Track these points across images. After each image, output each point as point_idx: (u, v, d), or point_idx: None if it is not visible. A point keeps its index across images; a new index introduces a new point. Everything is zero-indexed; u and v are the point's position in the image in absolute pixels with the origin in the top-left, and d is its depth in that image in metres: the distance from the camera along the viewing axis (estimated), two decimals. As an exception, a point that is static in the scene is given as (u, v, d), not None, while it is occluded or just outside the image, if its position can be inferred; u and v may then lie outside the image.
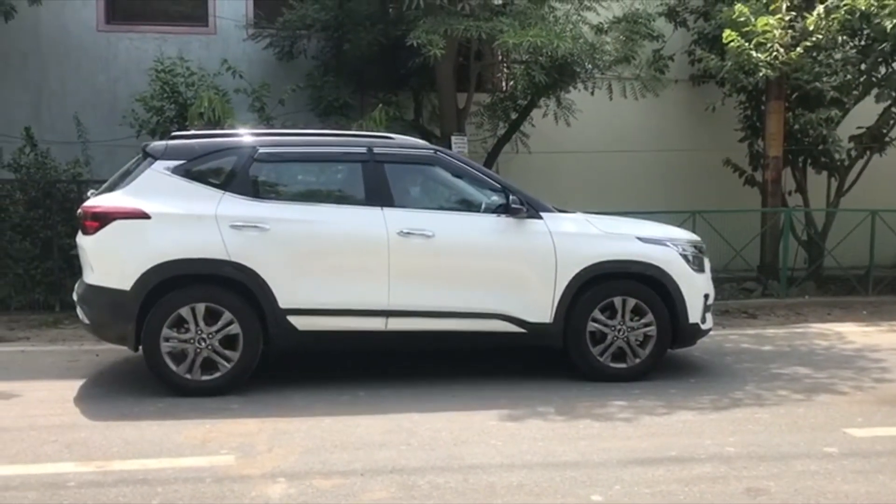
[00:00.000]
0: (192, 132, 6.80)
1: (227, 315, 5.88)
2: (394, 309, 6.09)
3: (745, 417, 5.55)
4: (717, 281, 10.82)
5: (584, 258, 6.32)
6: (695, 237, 7.11)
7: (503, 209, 6.31)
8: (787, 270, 10.93)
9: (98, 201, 6.08)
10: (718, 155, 11.96)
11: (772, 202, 11.37)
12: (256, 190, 6.16)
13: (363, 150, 6.37)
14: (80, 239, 6.14)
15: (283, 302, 5.95)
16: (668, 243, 6.57)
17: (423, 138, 10.53)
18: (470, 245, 6.28)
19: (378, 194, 6.23)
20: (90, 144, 10.50)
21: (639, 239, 6.51)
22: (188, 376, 5.87)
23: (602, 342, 6.40)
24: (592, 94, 11.08)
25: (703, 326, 6.69)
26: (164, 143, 6.36)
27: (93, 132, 10.69)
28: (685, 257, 6.55)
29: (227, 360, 5.91)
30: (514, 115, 11.41)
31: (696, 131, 12.73)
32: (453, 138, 10.19)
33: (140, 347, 5.92)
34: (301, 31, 10.90)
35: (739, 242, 10.89)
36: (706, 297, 6.68)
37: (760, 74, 10.20)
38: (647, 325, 6.43)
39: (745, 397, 6.06)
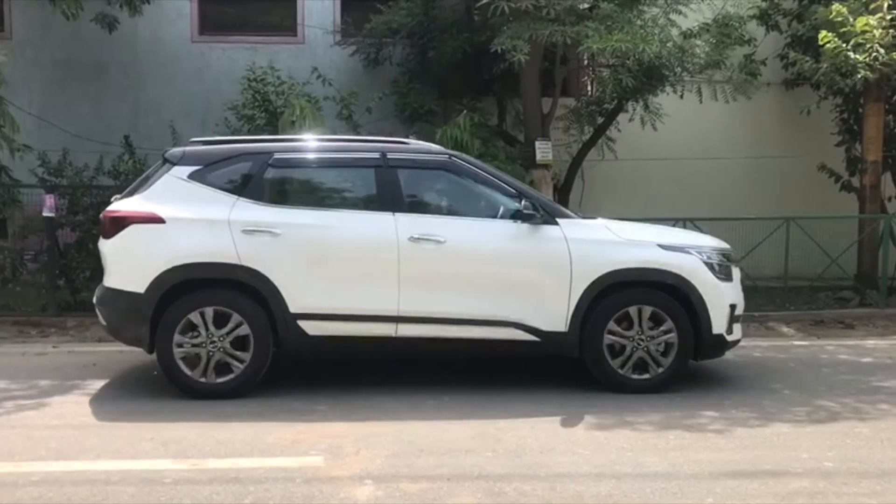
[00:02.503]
0: (212, 138, 6.84)
1: (238, 318, 5.92)
2: (404, 315, 6.03)
3: (843, 431, 5.33)
4: (812, 289, 10.60)
5: (600, 266, 6.13)
6: (723, 245, 6.81)
7: (517, 215, 6.20)
8: (887, 279, 10.48)
9: (117, 206, 6.22)
10: (813, 160, 11.57)
11: (870, 208, 10.91)
12: (270, 195, 6.18)
13: (377, 155, 6.34)
14: (100, 243, 6.28)
15: (294, 306, 5.96)
16: (690, 251, 6.31)
17: (507, 144, 10.58)
18: (482, 251, 6.18)
19: (390, 200, 6.19)
20: (184, 152, 10.83)
21: (659, 246, 6.29)
22: (203, 379, 5.93)
23: (620, 352, 6.20)
24: (682, 97, 10.89)
25: (729, 338, 6.41)
26: (182, 148, 6.44)
27: (186, 140, 11.00)
28: (710, 265, 6.30)
29: (240, 361, 5.94)
30: (600, 120, 11.29)
31: (789, 136, 12.35)
32: (537, 143, 10.13)
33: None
34: (387, 38, 11.05)
35: (836, 250, 10.50)
36: (732, 307, 6.40)
37: (859, 76, 9.81)
38: (667, 334, 6.20)
39: (844, 410, 5.83)
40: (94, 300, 6.38)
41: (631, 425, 5.42)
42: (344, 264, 6.07)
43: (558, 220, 6.25)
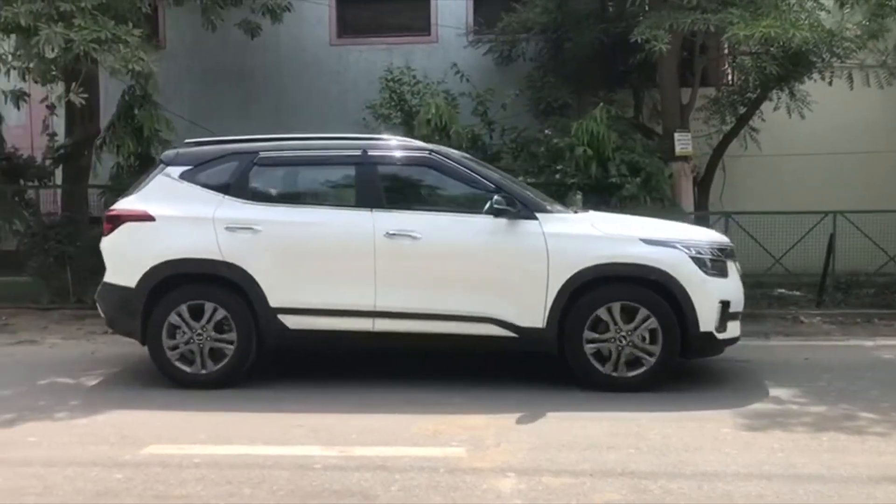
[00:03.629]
0: (205, 139, 7.04)
1: (223, 312, 6.13)
2: (381, 310, 6.06)
3: None
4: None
5: (578, 261, 5.95)
6: (721, 239, 6.47)
7: (490, 209, 6.05)
8: None
9: (116, 205, 6.60)
10: None
11: None
12: (254, 193, 6.35)
13: (358, 152, 6.38)
14: (101, 241, 6.60)
15: (274, 301, 6.09)
16: (676, 245, 6.04)
17: (644, 136, 10.37)
18: (457, 247, 6.12)
19: (369, 196, 6.23)
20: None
21: (642, 241, 6.04)
22: (188, 369, 6.16)
23: (602, 349, 6.00)
24: (830, 84, 10.32)
25: (720, 336, 6.08)
26: (175, 150, 6.72)
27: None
28: (699, 261, 5.99)
29: (225, 353, 6.15)
30: (741, 110, 10.89)
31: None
32: (676, 135, 9.90)
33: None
34: (520, 34, 11.04)
35: None
36: (724, 304, 6.06)
37: None
38: (651, 332, 5.94)
39: None
40: (95, 295, 6.70)
41: (781, 425, 5.22)
42: (321, 260, 6.18)
43: (537, 214, 6.11)
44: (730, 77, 11.56)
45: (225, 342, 6.17)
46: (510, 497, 4.08)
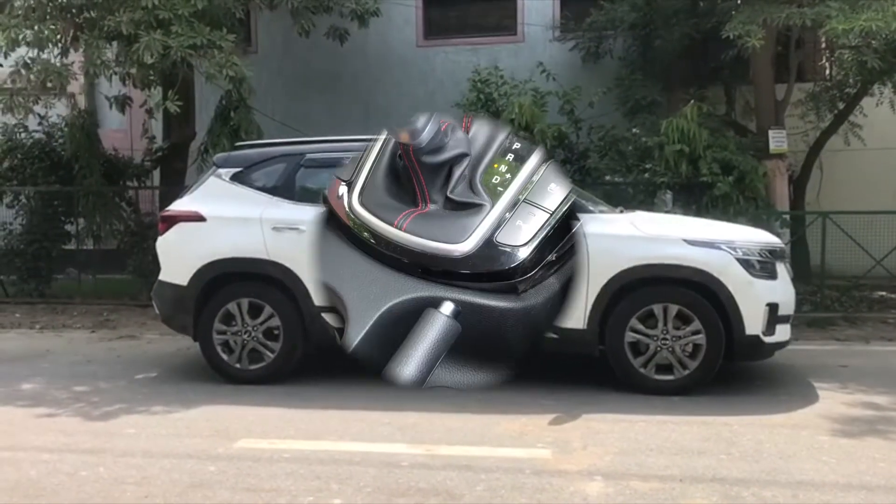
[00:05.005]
0: (256, 142, 7.14)
1: (269, 310, 6.27)
2: None
3: None
4: None
5: (618, 262, 5.86)
6: (771, 240, 6.21)
7: None
8: None
9: (170, 206, 6.82)
10: None
11: None
12: (300, 194, 6.48)
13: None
14: (157, 240, 6.78)
15: (318, 300, 6.15)
16: (721, 246, 5.86)
17: (737, 133, 10.13)
18: None
19: None
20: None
21: (686, 241, 5.90)
22: (237, 365, 6.34)
23: (644, 351, 5.88)
24: (937, 77, 9.87)
25: (768, 339, 5.87)
26: (227, 153, 6.91)
27: (412, 141, 11.46)
28: (745, 262, 5.81)
29: (271, 350, 6.29)
30: (840, 106, 10.49)
31: None
32: (771, 132, 9.61)
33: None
34: (608, 31, 10.92)
35: None
36: (772, 306, 5.86)
37: None
38: (694, 334, 5.81)
39: None
40: (151, 293, 6.93)
41: (881, 434, 5.01)
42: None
43: (579, 215, 6.02)
44: (828, 72, 11.16)
45: (271, 340, 6.33)
46: (597, 500, 4.03)
